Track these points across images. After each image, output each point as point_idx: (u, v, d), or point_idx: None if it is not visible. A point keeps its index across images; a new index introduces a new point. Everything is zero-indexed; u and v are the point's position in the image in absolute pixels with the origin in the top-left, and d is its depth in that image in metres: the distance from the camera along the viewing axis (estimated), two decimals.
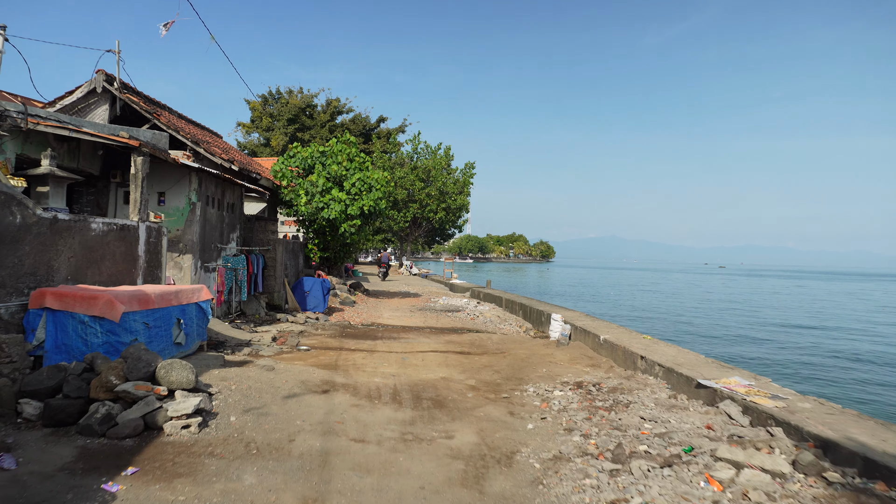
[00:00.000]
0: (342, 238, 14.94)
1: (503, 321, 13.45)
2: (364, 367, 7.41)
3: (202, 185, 9.43)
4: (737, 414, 5.21)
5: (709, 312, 30.92)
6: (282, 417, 4.82)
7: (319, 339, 9.58)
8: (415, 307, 15.39)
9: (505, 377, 7.43)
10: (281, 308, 11.82)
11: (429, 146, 41.27)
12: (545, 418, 5.58)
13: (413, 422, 5.09)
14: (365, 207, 14.70)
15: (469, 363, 8.18)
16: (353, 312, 13.03)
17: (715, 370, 6.66)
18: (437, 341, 10.06)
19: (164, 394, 4.67)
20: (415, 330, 11.32)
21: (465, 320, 13.24)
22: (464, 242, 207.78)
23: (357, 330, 10.93)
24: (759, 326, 24.17)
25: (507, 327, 12.80)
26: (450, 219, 40.63)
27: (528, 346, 10.22)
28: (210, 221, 9.83)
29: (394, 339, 10.01)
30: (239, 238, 11.37)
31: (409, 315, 13.55)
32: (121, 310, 5.52)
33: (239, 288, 10.53)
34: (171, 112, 13.35)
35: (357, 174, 14.97)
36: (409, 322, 12.42)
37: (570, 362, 8.82)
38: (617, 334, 9.51)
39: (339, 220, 14.40)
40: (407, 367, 7.61)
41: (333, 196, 14.35)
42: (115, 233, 6.89)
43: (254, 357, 7.59)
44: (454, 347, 9.52)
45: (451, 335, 10.90)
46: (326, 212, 14.15)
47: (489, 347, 9.78)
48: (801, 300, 45.18)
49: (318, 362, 7.54)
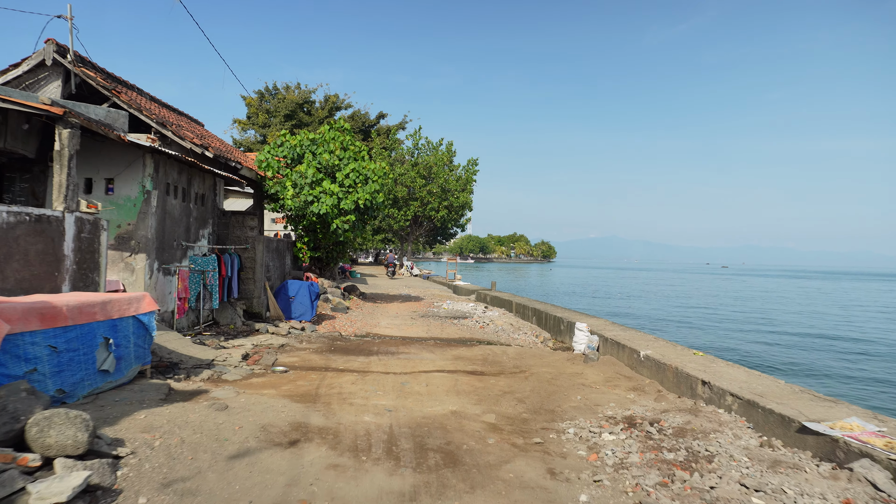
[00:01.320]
0: (334, 236, 13.33)
1: (517, 330, 11.84)
2: (352, 397, 5.80)
3: (160, 171, 7.82)
4: (885, 483, 3.60)
5: (741, 317, 28.96)
6: (218, 497, 3.21)
7: (302, 356, 7.96)
8: (416, 313, 13.77)
9: (532, 409, 5.82)
10: (261, 316, 10.21)
11: (430, 142, 39.69)
12: (600, 481, 3.98)
13: (415, 496, 3.49)
14: (360, 201, 13.10)
15: (484, 388, 6.57)
16: (346, 320, 11.42)
17: (814, 405, 5.04)
18: (443, 357, 8.45)
19: (37, 464, 3.07)
20: (417, 342, 9.71)
21: (474, 329, 11.63)
22: (465, 242, 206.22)
23: (349, 343, 9.32)
24: (810, 336, 22.12)
25: (521, 337, 11.19)
26: (452, 217, 39.01)
27: (552, 363, 8.61)
28: (172, 214, 8.22)
29: (392, 355, 8.40)
30: (212, 235, 9.78)
31: (409, 323, 11.94)
32: (3, 330, 3.92)
33: (209, 294, 8.92)
34: (138, 92, 11.76)
35: (351, 164, 13.37)
36: (409, 332, 10.81)
37: (607, 385, 7.21)
38: (660, 349, 7.89)
39: (331, 216, 12.79)
40: (407, 395, 6.00)
41: (324, 188, 12.74)
42: (27, 225, 5.28)
43: (213, 384, 5.99)
44: (464, 365, 7.91)
45: (459, 348, 9.29)
46: (316, 206, 12.54)
47: (506, 365, 8.17)
48: (829, 302, 43.60)
49: (294, 391, 5.93)
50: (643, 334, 9.48)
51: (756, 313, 31.42)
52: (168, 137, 10.03)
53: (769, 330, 23.45)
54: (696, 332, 22.33)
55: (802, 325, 25.78)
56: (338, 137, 13.90)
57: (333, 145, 13.56)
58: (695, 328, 23.87)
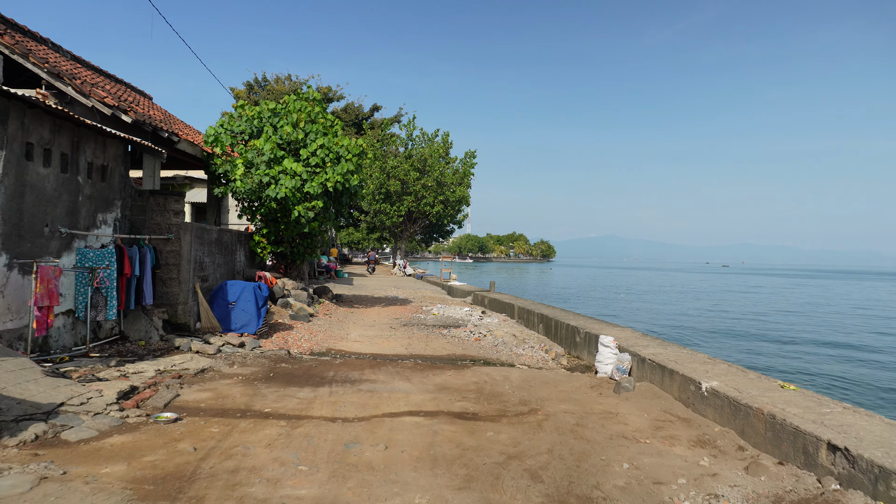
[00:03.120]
0: (298, 226, 10.95)
1: (521, 342, 9.49)
2: (249, 482, 3.43)
3: (11, 124, 5.44)
4: None
5: (770, 323, 26.02)
6: None
7: (220, 390, 5.60)
8: (398, 321, 11.39)
9: (556, 496, 3.47)
10: (188, 328, 7.83)
11: (425, 133, 37.29)
12: None
13: None
14: (329, 184, 10.72)
15: (477, 450, 4.21)
16: (304, 332, 9.03)
17: None
18: (421, 387, 6.09)
19: None
20: (390, 363, 7.35)
21: (468, 342, 9.26)
22: (464, 242, 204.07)
23: (298, 365, 6.95)
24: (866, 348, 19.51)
25: (527, 352, 8.84)
26: (448, 213, 36.61)
27: (572, 393, 6.26)
28: (39, 189, 5.85)
29: (351, 385, 6.04)
30: (121, 222, 7.40)
31: (387, 335, 9.56)
32: None
33: (105, 299, 6.53)
34: (38, 41, 9.39)
35: (320, 139, 10.98)
36: (384, 347, 8.44)
37: (659, 435, 4.86)
38: (729, 378, 5.54)
39: (292, 201, 10.40)
40: (348, 474, 3.64)
41: (285, 168, 10.37)
42: None
43: (33, 450, 3.65)
44: (449, 402, 5.55)
45: (445, 372, 6.93)
46: (273, 189, 10.15)
47: (509, 399, 5.82)
48: (858, 303, 41.42)
49: (158, 466, 3.56)
50: (692, 352, 7.12)
51: (796, 318, 28.88)
52: (67, 95, 7.67)
53: (829, 341, 20.47)
54: (736, 344, 19.30)
55: (869, 334, 22.95)
56: (305, 108, 11.52)
57: (299, 117, 11.17)
58: (730, 337, 20.93)
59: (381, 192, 35.41)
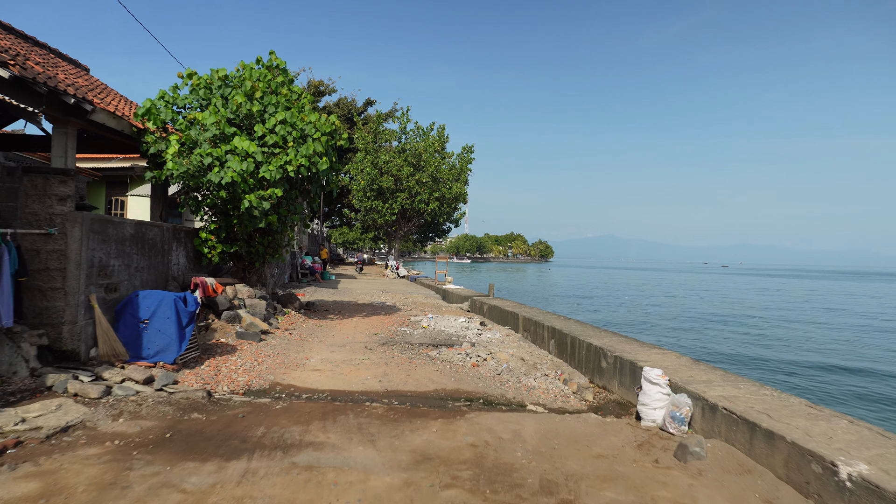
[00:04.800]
0: (252, 220, 8.83)
1: (530, 367, 7.40)
2: None
3: None
4: None
5: (825, 336, 22.45)
6: None
7: (55, 477, 3.48)
8: (378, 337, 9.28)
9: None
10: (78, 356, 5.71)
11: (420, 127, 35.17)
12: None
13: None
14: (291, 167, 8.61)
15: None
16: (249, 357, 6.89)
17: None
18: (390, 461, 3.98)
19: None
20: (353, 408, 5.24)
21: (463, 369, 7.15)
22: (461, 242, 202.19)
23: (216, 416, 4.83)
24: None
25: (540, 383, 6.75)
26: (444, 210, 34.49)
27: (613, 460, 4.18)
28: None
29: (281, 457, 3.94)
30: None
31: (359, 358, 7.44)
32: None
33: None
34: None
35: (281, 113, 8.87)
36: (351, 380, 6.33)
37: None
38: (879, 454, 3.47)
39: (243, 189, 8.29)
40: None
41: (234, 147, 8.26)
42: None
43: None
44: (431, 495, 3.45)
45: (429, 427, 4.82)
46: (216, 173, 8.03)
47: (524, 481, 3.73)
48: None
49: None
50: (781, 395, 5.02)
51: (852, 325, 26.47)
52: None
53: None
54: (808, 372, 15.03)
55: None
56: (265, 77, 9.41)
57: (253, 85, 9.05)
58: (791, 357, 16.91)
59: (373, 188, 33.28)
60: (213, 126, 8.28)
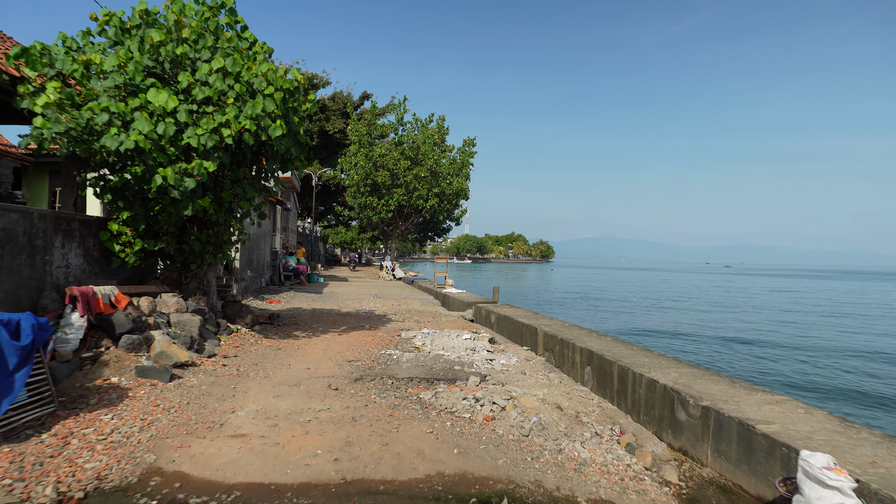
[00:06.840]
0: (176, 206, 6.37)
1: (572, 422, 4.94)
2: None
3: None
4: None
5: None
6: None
7: None
8: (352, 366, 6.77)
9: None
10: None
11: (418, 119, 32.73)
12: None
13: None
14: (228, 132, 6.15)
15: None
16: (134, 413, 4.41)
17: None
18: None
19: None
20: None
21: (472, 429, 4.67)
22: (462, 242, 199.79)
23: None
24: None
25: (590, 451, 4.29)
26: (444, 207, 32.01)
27: None
28: None
29: None
30: None
31: (314, 410, 4.97)
32: None
33: None
34: None
35: (218, 60, 6.42)
36: (287, 459, 3.86)
37: None
38: None
39: (151, 160, 5.83)
40: None
41: (147, 103, 5.82)
42: None
43: None
44: None
45: None
46: (112, 136, 5.59)
47: None
48: None
49: None
50: None
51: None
52: None
53: None
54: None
55: None
56: (202, 14, 6.95)
57: (178, 20, 6.58)
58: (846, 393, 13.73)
59: (367, 183, 30.82)
60: (115, 73, 5.82)
